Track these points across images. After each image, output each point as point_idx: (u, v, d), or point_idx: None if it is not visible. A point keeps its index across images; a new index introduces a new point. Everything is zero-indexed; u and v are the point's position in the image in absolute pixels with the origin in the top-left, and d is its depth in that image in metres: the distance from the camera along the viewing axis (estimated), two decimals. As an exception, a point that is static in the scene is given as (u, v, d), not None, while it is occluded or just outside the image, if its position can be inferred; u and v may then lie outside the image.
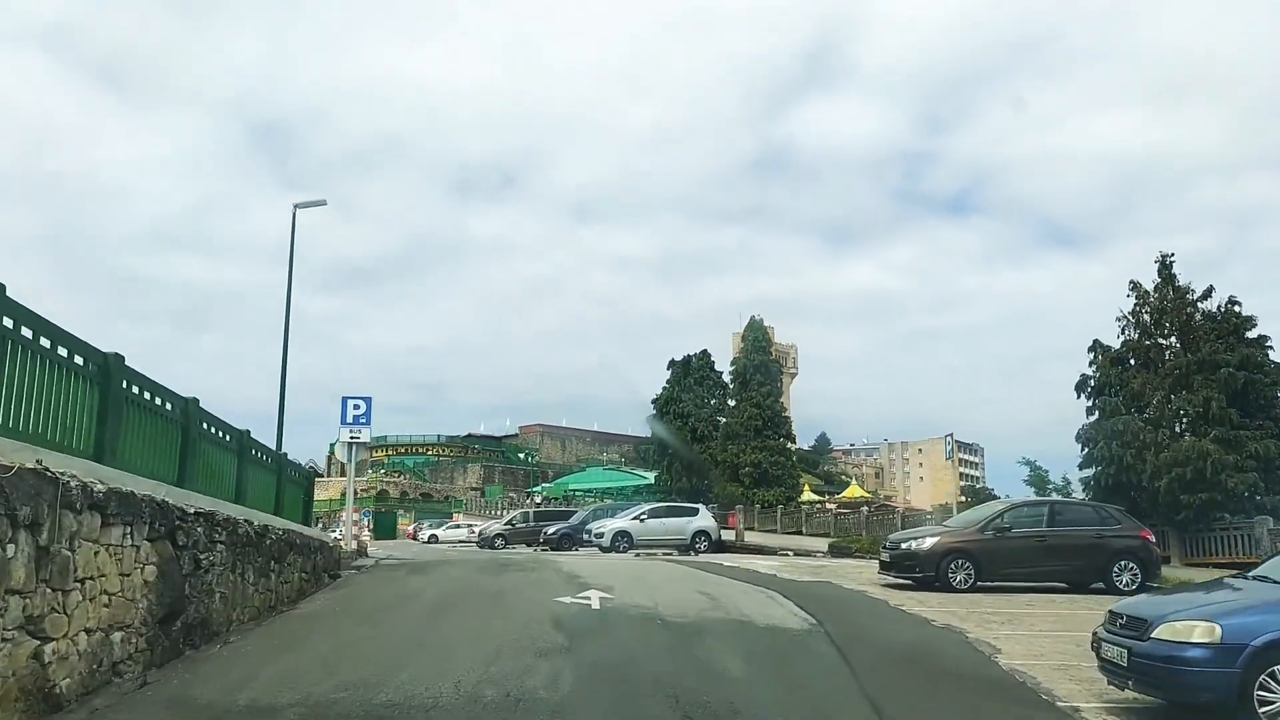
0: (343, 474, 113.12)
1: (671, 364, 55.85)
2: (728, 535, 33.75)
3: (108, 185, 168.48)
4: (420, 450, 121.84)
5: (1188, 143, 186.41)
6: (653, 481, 57.00)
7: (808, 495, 51.80)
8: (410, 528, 78.54)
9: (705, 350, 56.34)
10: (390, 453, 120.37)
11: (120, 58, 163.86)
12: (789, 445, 49.27)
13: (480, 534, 47.35)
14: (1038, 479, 35.93)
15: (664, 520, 32.09)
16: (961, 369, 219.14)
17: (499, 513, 71.90)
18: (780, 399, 48.98)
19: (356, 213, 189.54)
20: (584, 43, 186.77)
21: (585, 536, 32.58)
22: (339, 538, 53.37)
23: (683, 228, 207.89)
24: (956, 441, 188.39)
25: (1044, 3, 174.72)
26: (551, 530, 37.86)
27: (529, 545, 41.81)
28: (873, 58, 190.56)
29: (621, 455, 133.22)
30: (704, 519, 32.60)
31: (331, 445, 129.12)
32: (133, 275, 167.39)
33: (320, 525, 67.96)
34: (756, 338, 49.22)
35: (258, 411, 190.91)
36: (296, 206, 20.77)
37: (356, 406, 19.98)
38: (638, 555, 27.96)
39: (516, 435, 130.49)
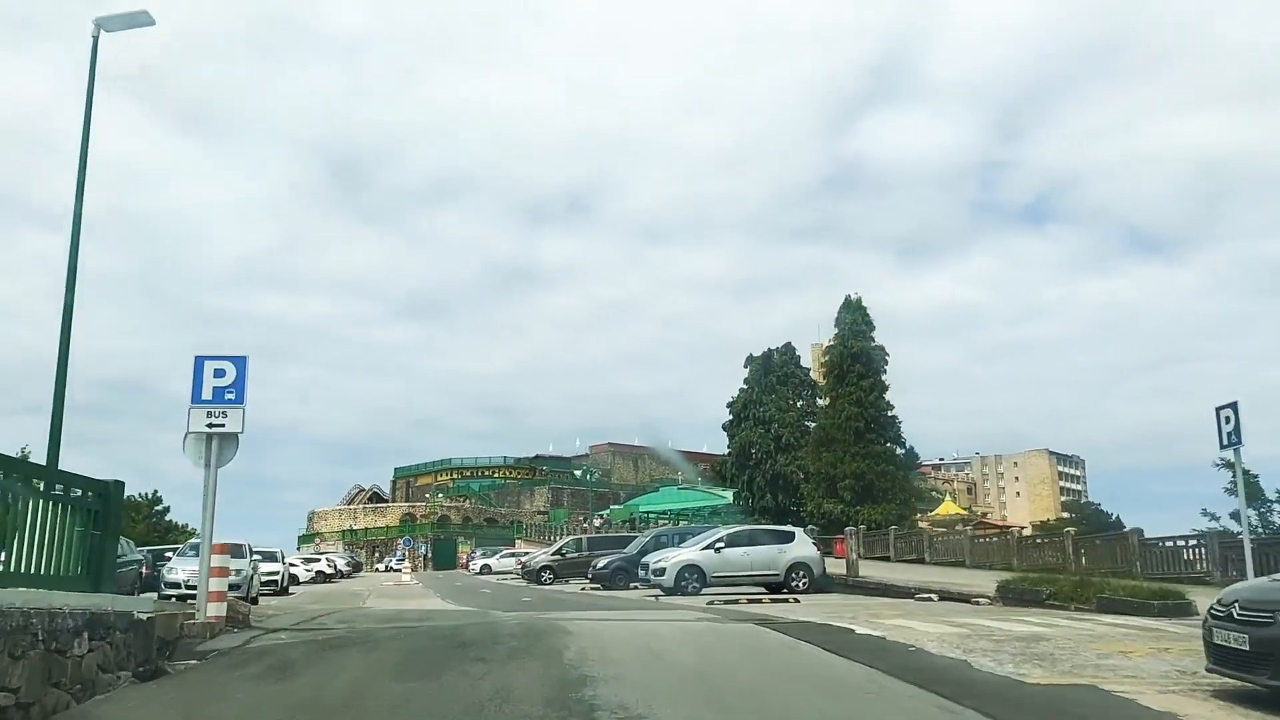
0: (409, 499, 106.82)
1: (749, 361, 46.92)
2: (834, 568, 24.70)
3: (193, 225, 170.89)
4: (486, 473, 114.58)
5: (1277, 141, 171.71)
6: (731, 502, 47.93)
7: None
8: (465, 557, 70.78)
9: (789, 344, 47.40)
10: (455, 476, 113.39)
11: (203, 101, 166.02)
12: (898, 452, 39.88)
13: (524, 566, 38.96)
14: (1254, 490, 26.09)
15: (748, 549, 23.23)
16: (1049, 380, 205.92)
17: (561, 537, 63.69)
18: (885, 394, 39.82)
19: (431, 243, 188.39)
20: (649, 66, 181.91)
21: (643, 573, 23.84)
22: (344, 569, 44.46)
23: (754, 247, 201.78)
24: (1055, 454, 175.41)
25: (1119, 5, 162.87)
26: (603, 563, 29.26)
27: (582, 578, 33.50)
28: (942, 68, 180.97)
29: (698, 474, 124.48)
30: (802, 546, 23.63)
31: (397, 469, 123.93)
32: (219, 312, 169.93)
33: (377, 557, 60.81)
34: (854, 320, 40.12)
35: (343, 440, 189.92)
36: (100, 25, 13.03)
37: (219, 373, 11.68)
38: (711, 602, 19.06)
39: (586, 455, 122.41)
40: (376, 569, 53.12)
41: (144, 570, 23.05)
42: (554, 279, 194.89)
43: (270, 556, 32.97)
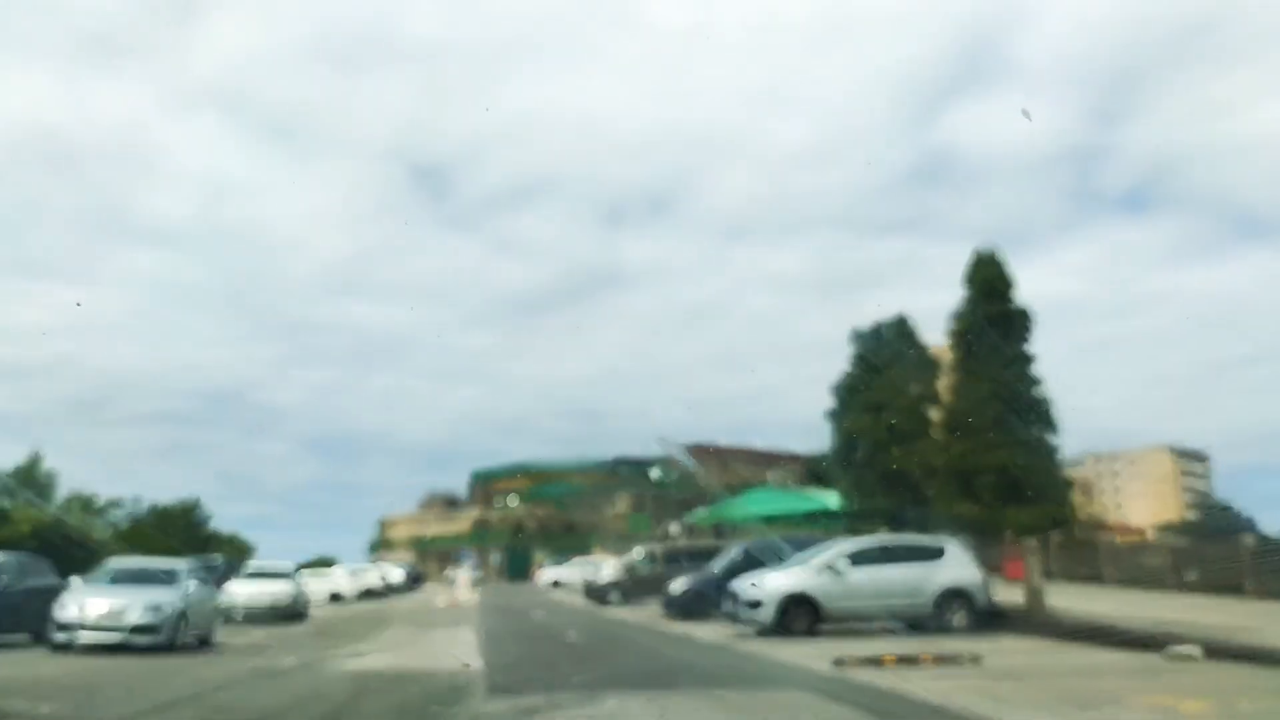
0: (485, 504, 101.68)
1: (856, 336, 39.46)
2: (1006, 593, 17.29)
3: (280, 235, 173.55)
4: (564, 477, 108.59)
5: None
6: (836, 506, 40.46)
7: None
8: (536, 567, 64.62)
9: (902, 315, 39.72)
10: (532, 480, 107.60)
11: (287, 113, 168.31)
12: (1050, 441, 31.94)
13: (587, 584, 32.34)
14: None
15: (879, 570, 16.09)
16: (1158, 374, 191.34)
17: (643, 545, 57.01)
18: (1030, 367, 31.94)
19: (513, 247, 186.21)
20: (727, 61, 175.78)
21: (731, 605, 16.84)
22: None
23: (840, 243, 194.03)
24: (1177, 451, 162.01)
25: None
26: (679, 586, 22.37)
27: (656, 598, 26.86)
28: (1034, 51, 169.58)
29: (791, 475, 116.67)
30: (957, 565, 16.36)
31: (473, 473, 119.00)
32: (307, 321, 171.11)
33: (458, 570, 55.37)
34: (990, 278, 32.33)
35: (427, 446, 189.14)
36: None
37: None
38: (839, 662, 11.92)
39: (670, 457, 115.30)
40: (448, 577, 47.67)
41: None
42: (636, 280, 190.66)
43: (276, 576, 26.98)
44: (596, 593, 30.43)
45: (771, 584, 15.83)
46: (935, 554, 16.35)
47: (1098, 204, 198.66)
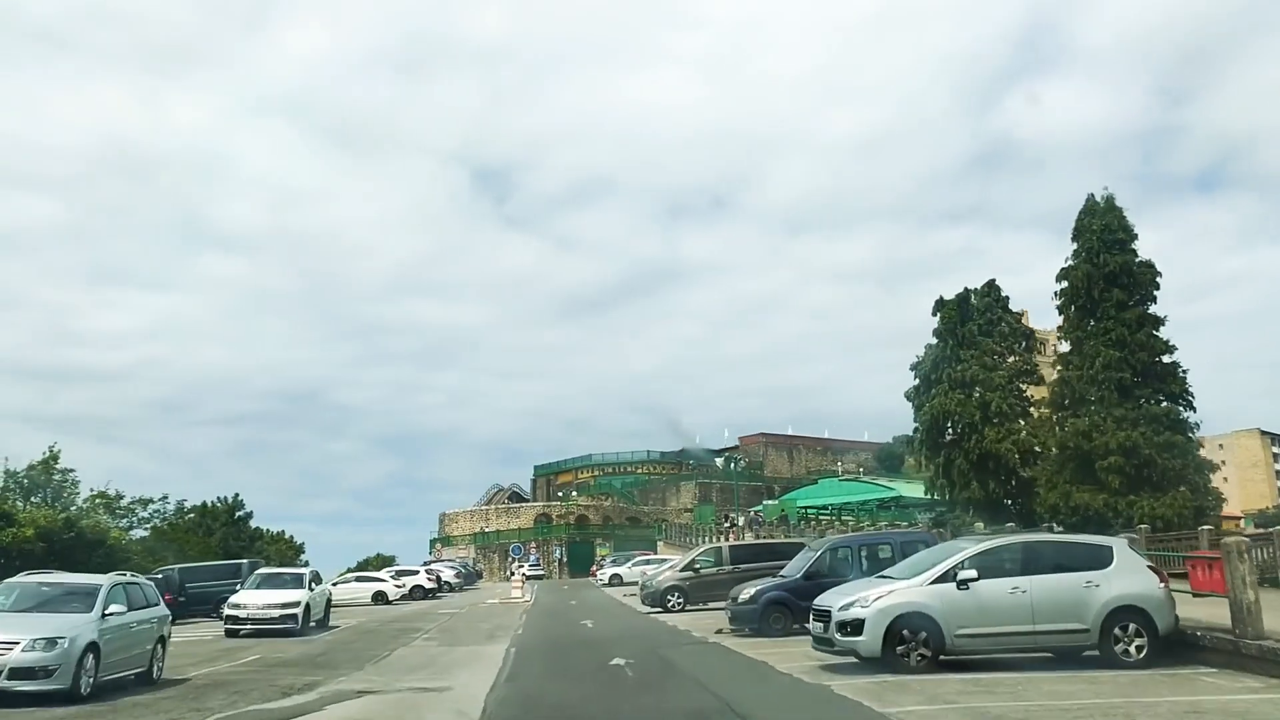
0: (548, 498, 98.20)
1: (940, 306, 34.70)
2: (1191, 610, 12.72)
3: (350, 239, 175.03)
4: (629, 469, 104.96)
5: None
6: (910, 495, 35.86)
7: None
8: (595, 564, 60.86)
9: (992, 281, 34.88)
10: (596, 473, 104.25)
11: (354, 119, 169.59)
12: (1184, 415, 26.75)
13: (643, 586, 28.28)
14: None
15: (1021, 582, 11.70)
16: (1239, 357, 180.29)
17: (707, 540, 52.88)
18: (1159, 330, 26.80)
19: (575, 245, 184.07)
20: (784, 54, 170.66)
21: (820, 626, 12.51)
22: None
23: (901, 233, 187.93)
24: (1268, 434, 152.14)
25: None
26: (749, 593, 18.10)
27: (722, 603, 22.86)
28: (1097, 31, 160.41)
29: (859, 465, 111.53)
30: (1130, 574, 11.81)
31: (536, 467, 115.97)
32: (378, 322, 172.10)
33: (517, 565, 51.94)
34: (1107, 226, 27.25)
35: (495, 443, 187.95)
36: None
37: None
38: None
39: (736, 447, 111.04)
40: (510, 575, 44.10)
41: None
42: (697, 275, 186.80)
43: (288, 582, 23.50)
44: (655, 597, 26.41)
45: (876, 600, 11.56)
46: (1098, 558, 11.89)
47: (1167, 186, 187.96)
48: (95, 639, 11.17)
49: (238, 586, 23.97)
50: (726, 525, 60.56)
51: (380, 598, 38.40)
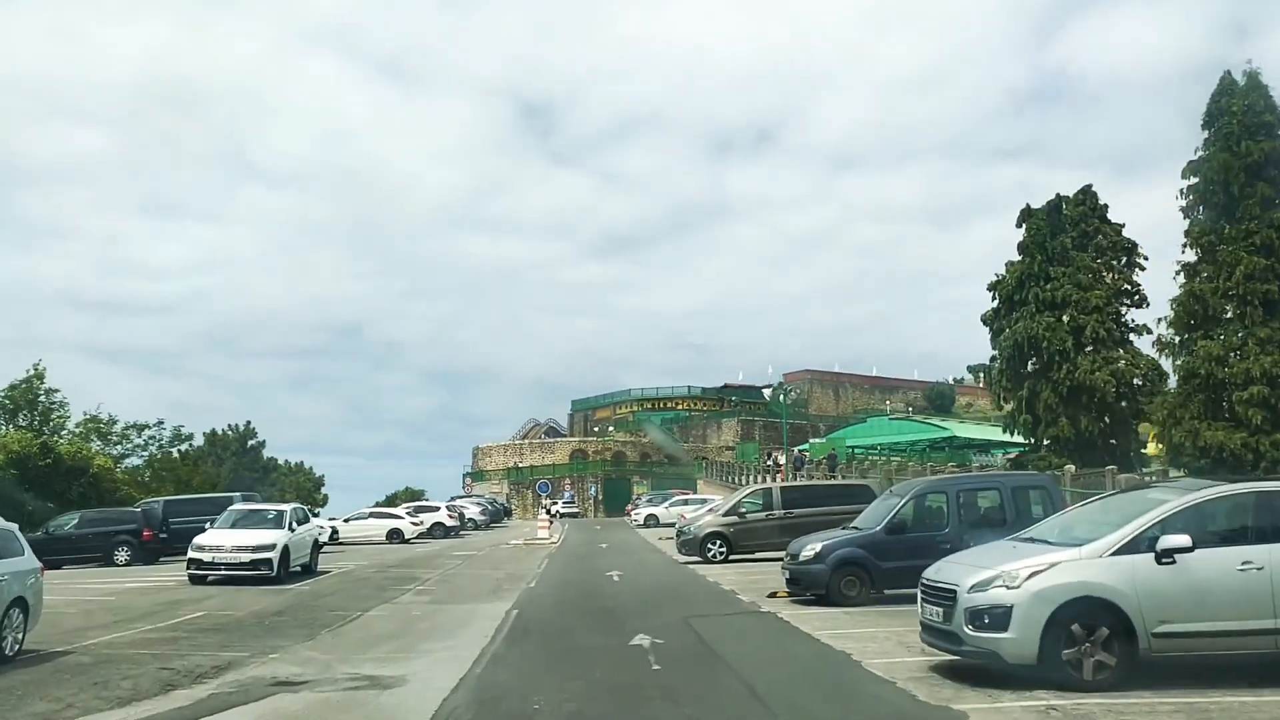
0: (585, 434, 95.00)
1: (1027, 216, 29.87)
2: None
3: (397, 173, 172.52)
4: (669, 405, 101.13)
5: None
6: (1003, 430, 31.49)
7: None
8: (630, 503, 57.34)
9: (1088, 187, 29.93)
10: (635, 408, 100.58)
11: (400, 52, 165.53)
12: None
13: (680, 530, 24.35)
14: None
15: (1256, 554, 7.47)
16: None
17: (751, 479, 49.11)
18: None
19: (621, 181, 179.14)
20: None
21: (937, 612, 8.32)
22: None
23: (951, 170, 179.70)
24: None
25: None
26: (813, 551, 13.93)
27: (772, 553, 19.05)
28: None
29: (908, 405, 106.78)
30: None
31: (574, 402, 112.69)
32: (424, 256, 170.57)
33: (549, 501, 48.64)
34: (1250, 109, 21.91)
35: (539, 378, 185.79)
36: None
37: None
38: None
39: (781, 384, 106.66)
40: (539, 514, 40.88)
41: None
42: (742, 212, 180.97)
43: (263, 522, 19.96)
44: (694, 544, 22.53)
45: (1030, 579, 7.46)
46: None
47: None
48: None
49: (206, 525, 20.48)
50: (769, 463, 56.60)
51: (395, 536, 35.14)
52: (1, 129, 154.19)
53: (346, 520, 36.16)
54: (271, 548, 18.92)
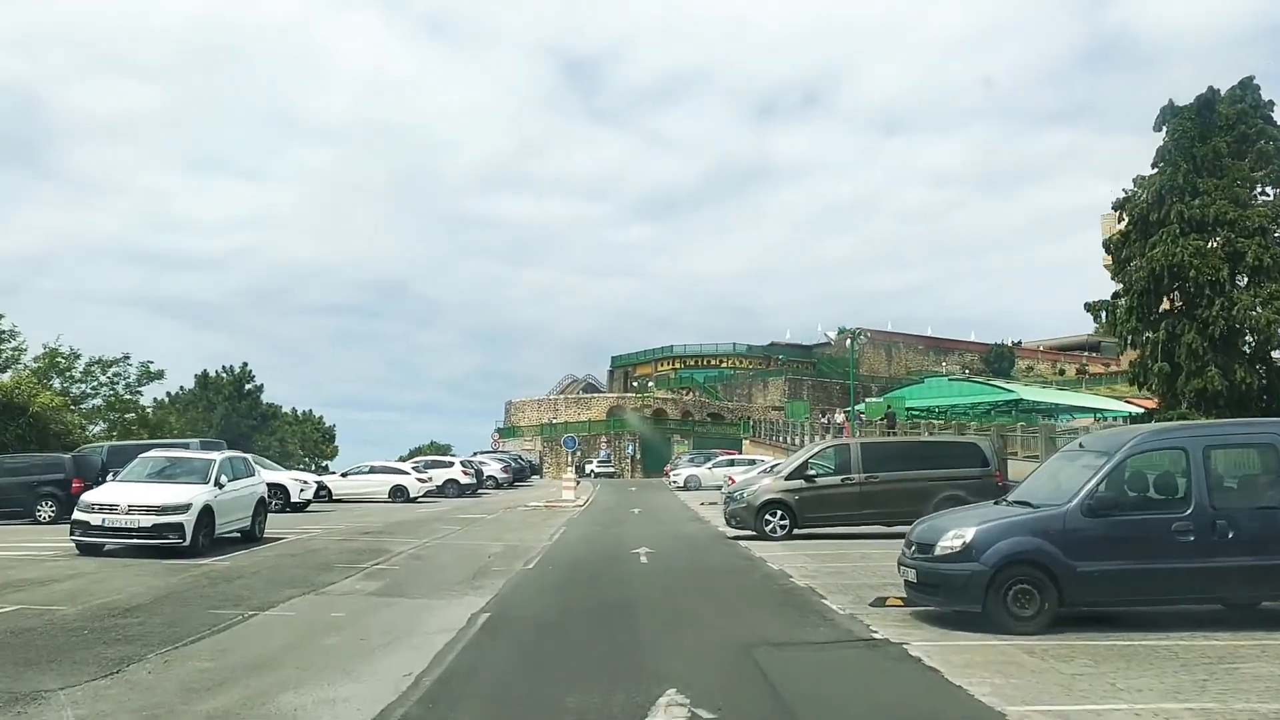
0: (626, 388, 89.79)
1: (1169, 116, 23.80)
2: None
3: (440, 131, 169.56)
4: (713, 362, 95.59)
5: None
6: (1130, 383, 25.71)
7: None
8: (669, 464, 52.17)
9: (1248, 80, 23.77)
10: (677, 365, 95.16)
11: (443, 9, 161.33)
12: None
13: (729, 496, 18.90)
14: None
15: None
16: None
17: (800, 441, 43.79)
18: None
19: (664, 142, 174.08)
20: None
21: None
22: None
23: (1002, 134, 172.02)
24: None
25: None
26: (959, 540, 8.41)
27: (849, 527, 13.89)
28: None
29: (963, 367, 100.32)
30: None
31: (614, 358, 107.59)
32: (466, 216, 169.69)
33: (578, 454, 42.55)
34: None
35: (580, 339, 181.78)
36: None
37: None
38: None
39: (829, 345, 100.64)
40: (565, 475, 35.94)
41: None
42: (787, 175, 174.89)
43: (179, 475, 14.98)
44: (747, 515, 17.24)
45: None
46: None
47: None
48: None
49: (104, 477, 15.66)
50: (826, 422, 50.97)
51: (399, 494, 30.37)
52: (56, 84, 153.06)
53: (344, 475, 31.46)
54: (183, 509, 13.99)
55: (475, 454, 46.48)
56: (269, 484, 25.59)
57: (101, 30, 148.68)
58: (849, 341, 30.96)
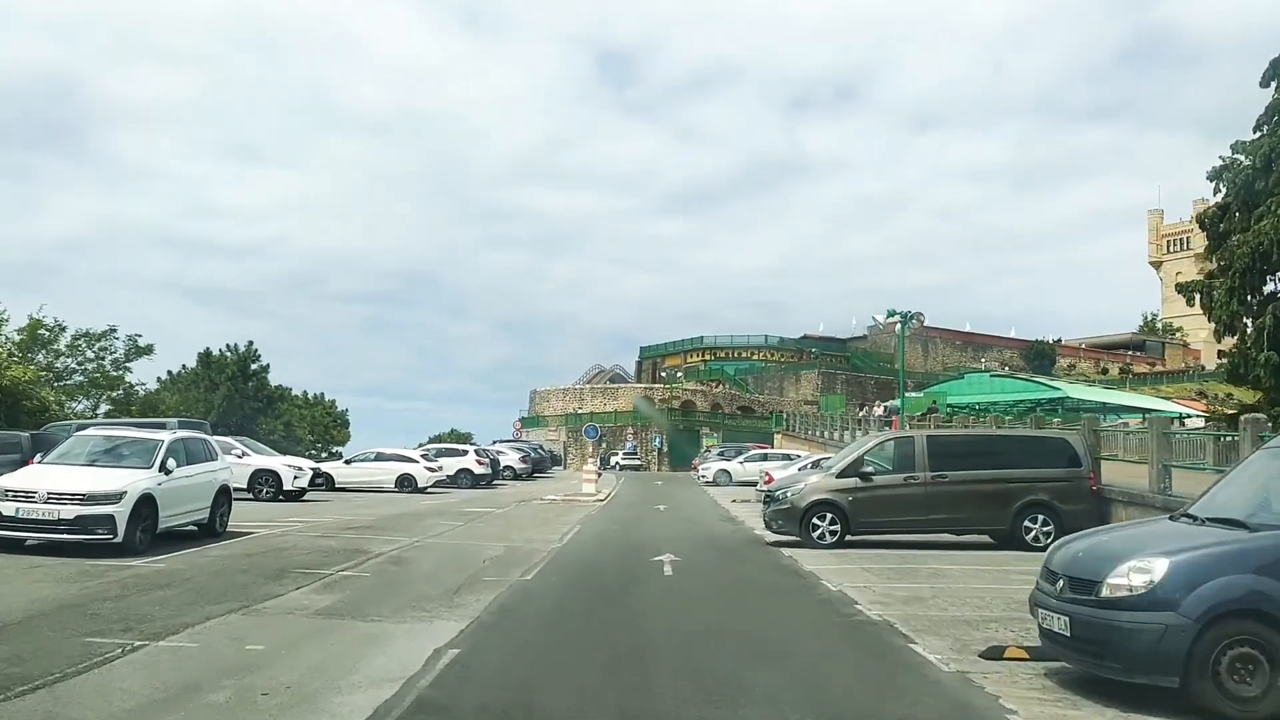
0: (655, 379, 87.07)
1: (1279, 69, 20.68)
2: None
3: (472, 121, 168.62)
4: (744, 355, 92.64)
5: None
6: (1226, 379, 22.58)
7: None
8: (698, 457, 49.47)
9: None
10: (707, 356, 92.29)
11: None
12: None
13: (769, 496, 16.10)
14: None
15: None
16: None
17: (837, 436, 40.92)
18: None
19: (696, 135, 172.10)
20: None
21: None
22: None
23: (1039, 131, 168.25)
24: None
25: None
26: (1144, 573, 5.62)
27: (914, 535, 11.25)
28: None
29: (1003, 364, 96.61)
30: None
31: (642, 348, 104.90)
32: (497, 206, 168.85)
33: (603, 445, 40.58)
34: None
35: (609, 331, 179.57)
36: None
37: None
38: None
39: (864, 338, 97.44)
40: (585, 466, 33.40)
41: None
42: (819, 170, 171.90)
43: (123, 454, 12.45)
44: (791, 518, 14.54)
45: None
46: None
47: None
48: None
49: (33, 458, 13.30)
50: (862, 415, 47.98)
51: (406, 483, 27.97)
52: (95, 69, 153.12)
53: (347, 462, 29.10)
54: (114, 498, 11.52)
55: (495, 442, 44.03)
56: (260, 470, 23.39)
57: (140, 16, 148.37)
58: (898, 326, 28.09)
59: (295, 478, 23.41)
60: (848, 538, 14.23)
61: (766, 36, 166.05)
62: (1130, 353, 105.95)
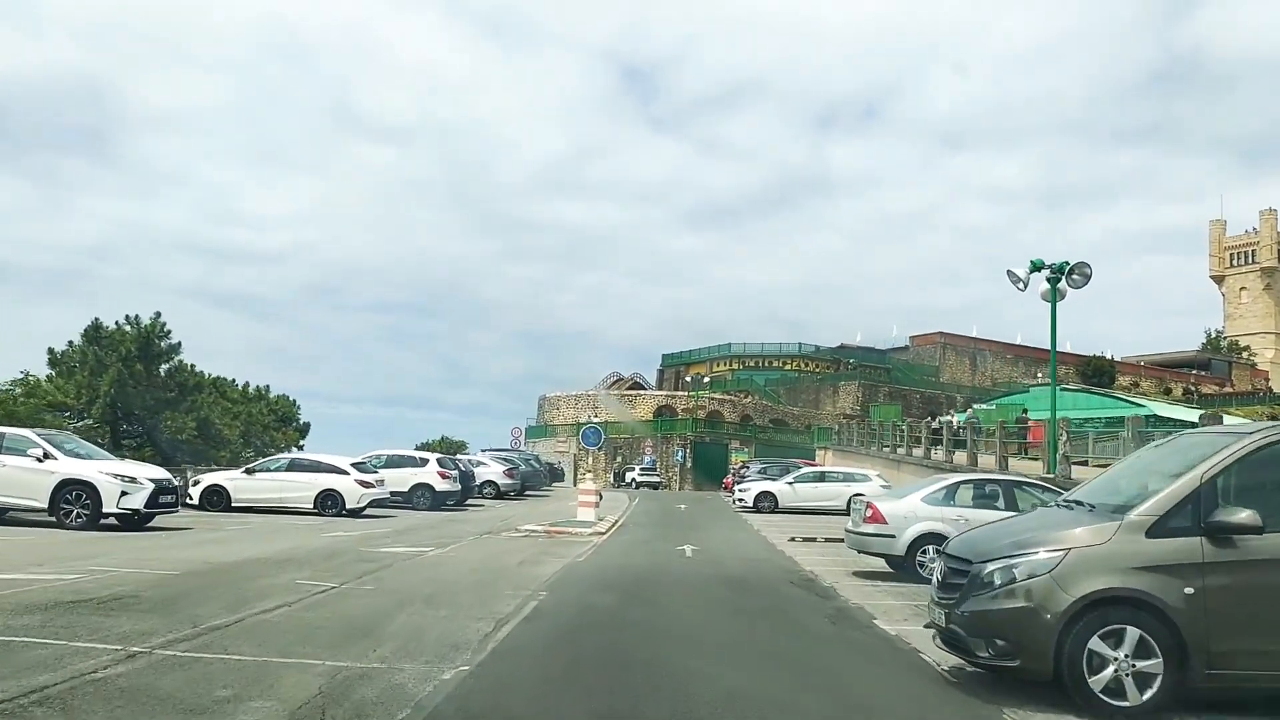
0: (678, 388, 77.89)
1: None
2: None
3: (497, 132, 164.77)
4: (775, 364, 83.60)
5: None
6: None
7: None
8: (730, 474, 40.46)
9: None
10: (735, 365, 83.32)
11: (504, 10, 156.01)
12: None
13: (950, 570, 7.25)
14: None
15: None
16: None
17: (904, 451, 31.99)
18: None
19: (721, 150, 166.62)
20: None
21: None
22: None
23: (1068, 152, 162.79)
24: None
25: None
26: None
27: None
28: None
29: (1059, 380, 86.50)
30: None
31: (665, 356, 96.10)
32: (521, 218, 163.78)
33: (617, 459, 32.71)
34: None
35: (632, 345, 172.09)
36: None
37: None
38: None
39: (906, 348, 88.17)
40: (582, 484, 25.10)
41: None
42: (845, 188, 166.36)
43: None
44: (1023, 632, 5.87)
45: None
46: None
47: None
48: None
49: None
50: (933, 425, 38.62)
51: (329, 503, 19.34)
52: (124, 75, 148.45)
53: (249, 472, 20.43)
54: None
55: (483, 450, 35.26)
56: (67, 480, 14.82)
57: (169, 23, 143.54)
58: (1047, 282, 18.50)
59: (123, 494, 14.74)
60: (1188, 683, 5.31)
61: (794, 53, 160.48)
62: (1195, 371, 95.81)
